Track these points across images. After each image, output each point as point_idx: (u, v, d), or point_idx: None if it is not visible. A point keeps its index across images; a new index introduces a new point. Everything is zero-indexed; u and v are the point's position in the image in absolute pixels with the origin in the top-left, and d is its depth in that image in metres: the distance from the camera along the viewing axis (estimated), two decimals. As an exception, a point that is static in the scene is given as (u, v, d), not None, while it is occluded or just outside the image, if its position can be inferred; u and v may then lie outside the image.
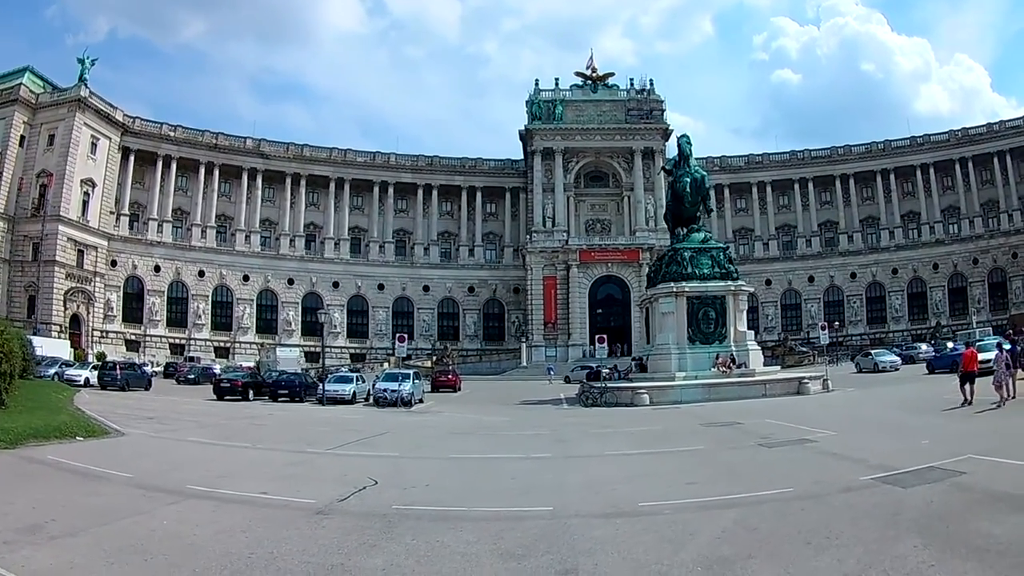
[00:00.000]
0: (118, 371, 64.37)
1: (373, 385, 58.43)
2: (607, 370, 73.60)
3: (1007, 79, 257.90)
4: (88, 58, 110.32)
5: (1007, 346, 37.33)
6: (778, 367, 68.98)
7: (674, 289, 57.82)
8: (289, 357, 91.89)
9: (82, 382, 61.76)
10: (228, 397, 58.09)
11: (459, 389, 75.25)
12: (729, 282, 59.23)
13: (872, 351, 79.91)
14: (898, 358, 73.64)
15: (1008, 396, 32.24)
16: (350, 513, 16.15)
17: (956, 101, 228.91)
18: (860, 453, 21.49)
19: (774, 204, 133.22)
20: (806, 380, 51.62)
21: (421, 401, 57.59)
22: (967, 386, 33.89)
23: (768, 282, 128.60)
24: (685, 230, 62.74)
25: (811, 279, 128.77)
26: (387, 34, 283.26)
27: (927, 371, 61.09)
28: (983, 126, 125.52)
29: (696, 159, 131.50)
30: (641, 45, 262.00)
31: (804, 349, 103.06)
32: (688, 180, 62.15)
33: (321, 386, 58.85)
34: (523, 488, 19.37)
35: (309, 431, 35.93)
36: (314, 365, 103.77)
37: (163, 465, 23.38)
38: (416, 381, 58.67)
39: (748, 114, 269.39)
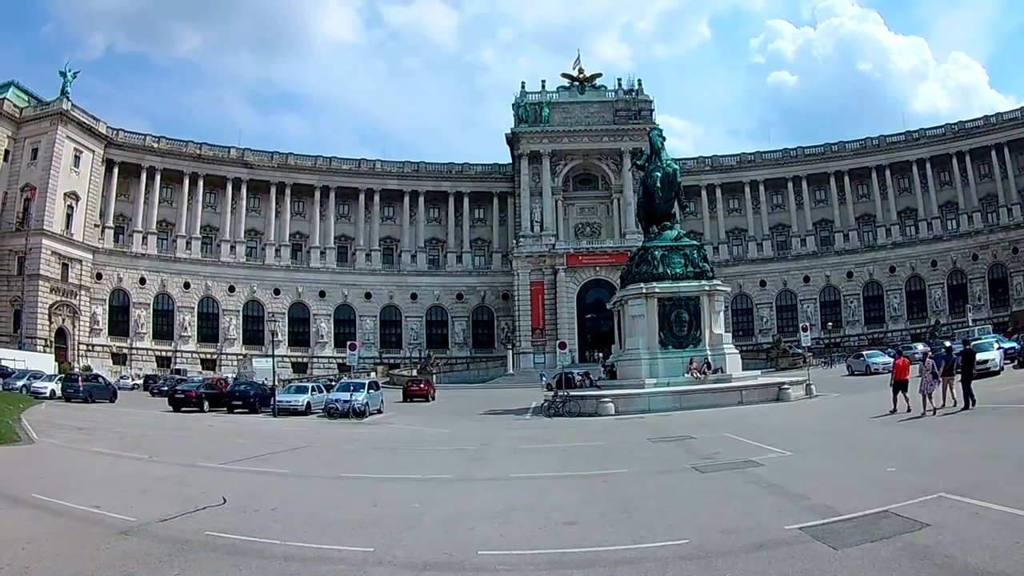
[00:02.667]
0: (80, 383, 64.02)
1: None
2: (579, 376, 71.43)
3: (1005, 76, 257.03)
4: (70, 71, 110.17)
5: (949, 350, 36.18)
6: (759, 372, 65.15)
7: (644, 290, 54.49)
8: (266, 368, 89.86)
9: (47, 394, 61.57)
10: (184, 408, 56.81)
11: (432, 398, 73.56)
12: (704, 282, 55.79)
13: (864, 352, 77.35)
14: (891, 360, 70.99)
15: (932, 406, 31.61)
16: (153, 536, 15.17)
17: (954, 99, 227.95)
18: (805, 484, 18.23)
19: (768, 203, 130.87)
20: (786, 386, 48.64)
21: (379, 412, 55.95)
22: (899, 395, 33.69)
23: (763, 283, 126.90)
24: (657, 228, 59.53)
25: (807, 279, 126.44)
26: (384, 44, 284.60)
27: (919, 373, 58.57)
28: (980, 119, 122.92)
29: (688, 159, 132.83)
30: (638, 50, 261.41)
31: (799, 351, 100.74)
32: (659, 175, 58.72)
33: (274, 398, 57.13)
34: (371, 520, 16.85)
35: (226, 444, 35.20)
36: (300, 376, 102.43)
37: (33, 473, 23.58)
38: (373, 391, 56.75)
39: (745, 116, 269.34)
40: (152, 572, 12.68)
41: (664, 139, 63.67)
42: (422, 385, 75.50)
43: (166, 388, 74.79)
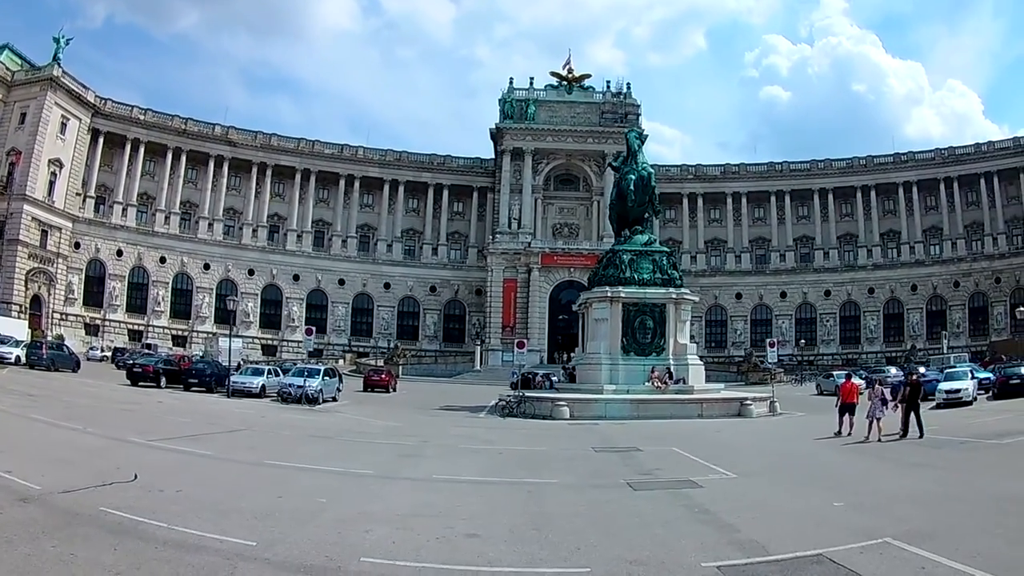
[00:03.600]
0: (44, 351, 64.40)
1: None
2: (540, 377, 70.83)
3: (1000, 106, 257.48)
4: (63, 38, 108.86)
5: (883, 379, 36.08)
6: (723, 385, 63.43)
7: (608, 294, 53.94)
8: (232, 348, 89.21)
9: (12, 359, 61.04)
10: (142, 383, 56.37)
11: (393, 389, 72.85)
12: (671, 289, 55.01)
13: (834, 372, 76.43)
14: (862, 381, 69.89)
15: (878, 432, 31.43)
16: (49, 506, 15.31)
17: (948, 126, 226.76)
18: (741, 514, 16.84)
19: (749, 216, 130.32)
20: (748, 402, 47.89)
21: (334, 399, 55.57)
22: (845, 417, 33.62)
23: (739, 295, 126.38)
24: (629, 232, 58.65)
25: (783, 295, 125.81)
26: (380, 33, 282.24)
27: (891, 398, 57.83)
28: (971, 146, 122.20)
29: (672, 166, 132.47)
30: (633, 56, 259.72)
31: (770, 366, 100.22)
32: (633, 178, 57.77)
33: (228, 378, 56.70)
34: (269, 512, 16.34)
35: (166, 421, 35.19)
36: (271, 358, 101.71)
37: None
38: (328, 378, 56.44)
39: (736, 129, 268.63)
40: (31, 541, 12.66)
41: (642, 141, 62.67)
42: (383, 376, 74.55)
43: (131, 362, 74.57)
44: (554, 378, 69.92)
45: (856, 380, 40.61)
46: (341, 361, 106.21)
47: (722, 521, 16.20)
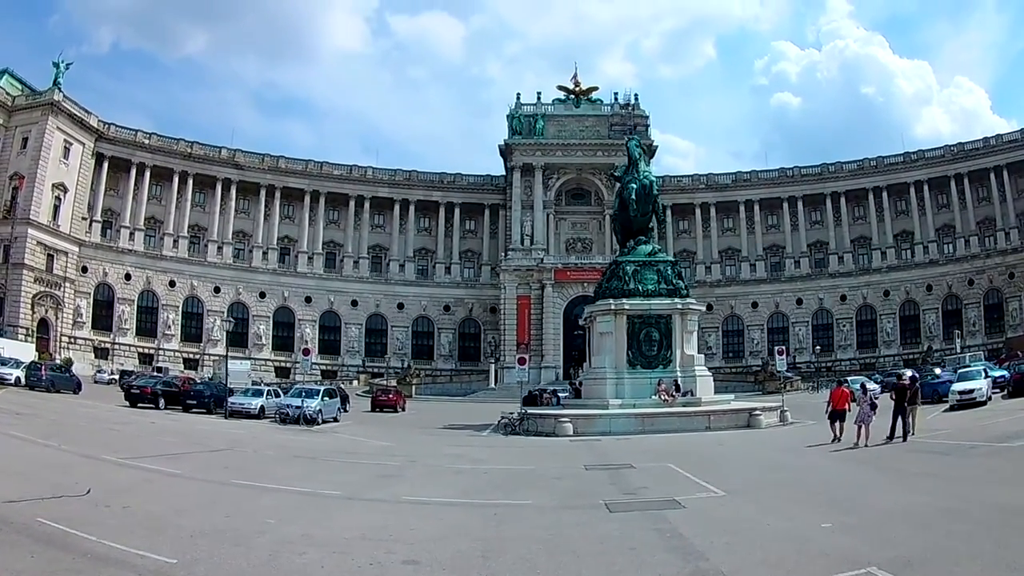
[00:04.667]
0: (44, 372, 64.17)
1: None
2: (547, 394, 70.02)
3: (1007, 101, 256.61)
4: (63, 62, 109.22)
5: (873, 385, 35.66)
6: (732, 396, 61.22)
7: (612, 306, 52.74)
8: (239, 370, 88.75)
9: (12, 380, 60.70)
10: (141, 405, 55.96)
11: (402, 409, 72.14)
12: (676, 299, 53.58)
13: (849, 379, 75.22)
14: (877, 386, 68.31)
15: (866, 438, 31.08)
16: None
17: (957, 123, 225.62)
18: (717, 538, 15.55)
19: (762, 223, 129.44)
20: (758, 412, 46.61)
21: (336, 420, 55.03)
22: (836, 424, 33.44)
23: (755, 304, 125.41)
24: (633, 242, 57.71)
25: (799, 301, 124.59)
26: (390, 54, 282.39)
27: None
28: (979, 140, 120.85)
29: (683, 176, 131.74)
30: (643, 68, 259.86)
31: (789, 374, 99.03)
32: (635, 187, 56.66)
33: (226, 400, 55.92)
34: (208, 531, 16.00)
35: (150, 440, 34.68)
36: (284, 380, 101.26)
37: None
38: (329, 399, 55.90)
39: (749, 137, 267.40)
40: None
41: (643, 150, 62.44)
42: (391, 396, 74.01)
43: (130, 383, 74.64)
44: (563, 394, 68.87)
45: (871, 385, 40.00)
46: (355, 382, 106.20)
47: (692, 548, 14.86)
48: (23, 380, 61.83)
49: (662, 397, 48.79)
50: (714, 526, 17.05)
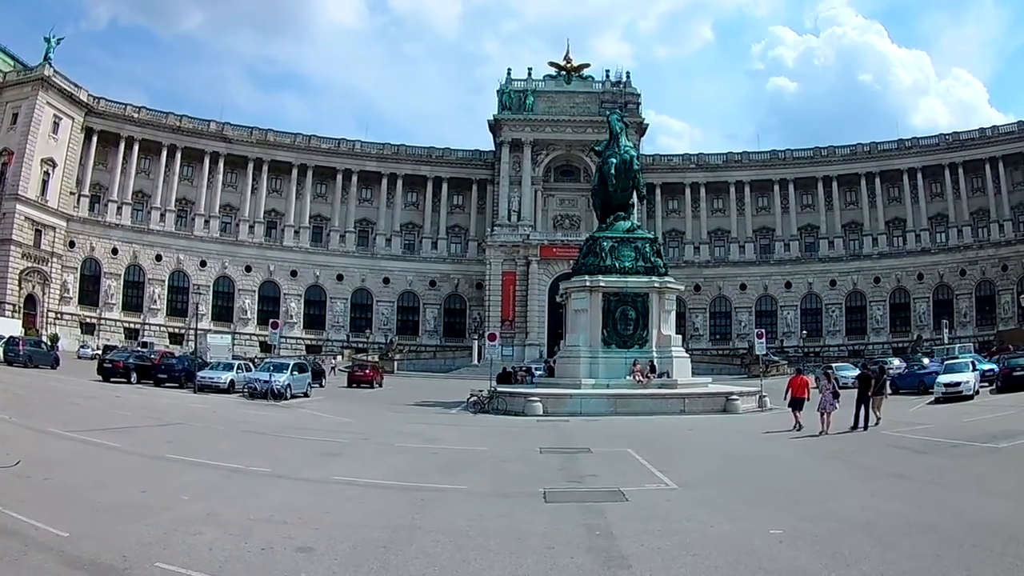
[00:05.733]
0: (21, 347, 64.32)
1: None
2: (521, 372, 69.26)
3: (1005, 94, 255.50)
4: (54, 37, 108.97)
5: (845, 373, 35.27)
6: (709, 379, 60.42)
7: (588, 283, 51.75)
8: (219, 344, 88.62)
9: None
10: (114, 379, 55.56)
11: (379, 385, 71.90)
12: (654, 278, 52.56)
13: (834, 365, 74.37)
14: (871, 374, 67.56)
15: (828, 426, 31.00)
16: None
17: (954, 115, 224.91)
18: (647, 542, 14.10)
19: (752, 205, 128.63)
20: (735, 397, 45.60)
21: (305, 395, 54.31)
22: (798, 413, 33.05)
23: (743, 286, 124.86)
24: (612, 218, 56.67)
25: (788, 285, 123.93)
26: (387, 29, 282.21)
27: (890, 391, 55.37)
28: (975, 130, 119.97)
29: (673, 155, 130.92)
30: (640, 49, 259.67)
31: (776, 358, 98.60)
32: (615, 161, 55.45)
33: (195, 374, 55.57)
34: (115, 505, 15.91)
35: (107, 414, 34.54)
36: (269, 355, 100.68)
37: None
38: (298, 373, 55.11)
39: (744, 121, 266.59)
40: None
41: (625, 125, 60.68)
42: (367, 371, 73.72)
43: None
44: (538, 372, 68.07)
45: (848, 373, 39.56)
46: (340, 357, 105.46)
47: (617, 551, 13.64)
48: (1, 356, 61.72)
49: (637, 378, 47.73)
50: (651, 526, 15.67)
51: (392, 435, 32.92)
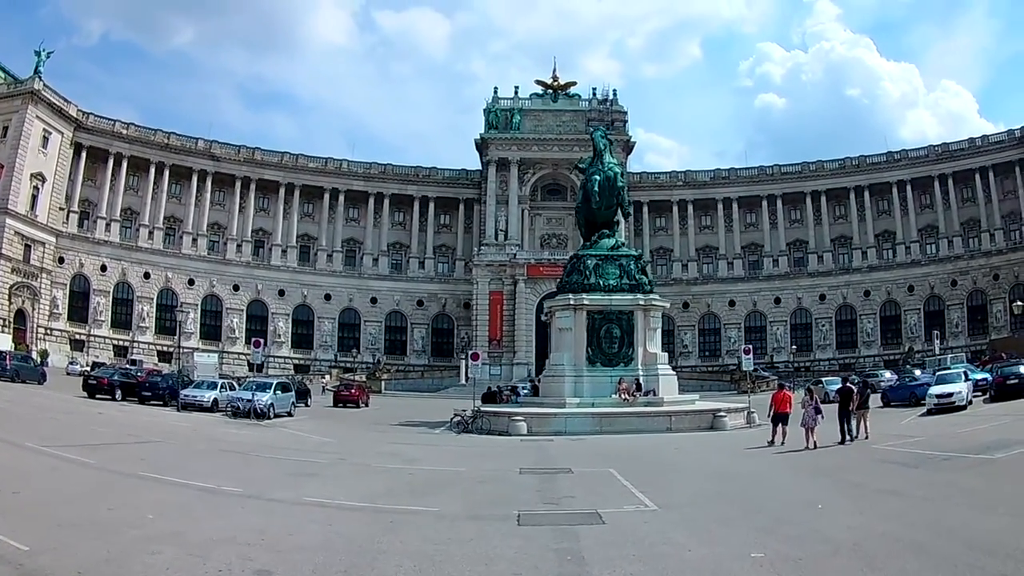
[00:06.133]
0: (8, 362, 63.76)
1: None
2: (507, 391, 68.98)
3: (995, 105, 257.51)
4: (44, 51, 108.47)
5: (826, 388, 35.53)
6: (696, 396, 60.58)
7: (572, 301, 51.51)
8: (206, 363, 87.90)
9: None
10: (99, 396, 55.34)
11: (364, 405, 71.77)
12: (639, 295, 52.29)
13: (823, 379, 74.09)
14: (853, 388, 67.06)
15: (814, 441, 31.15)
16: None
17: (944, 127, 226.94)
18: (620, 568, 13.46)
19: (741, 221, 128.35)
20: (722, 414, 45.24)
21: (289, 414, 54.36)
22: (779, 427, 33.06)
23: (732, 303, 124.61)
24: (596, 236, 56.35)
25: (777, 300, 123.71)
26: (375, 49, 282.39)
27: (882, 403, 54.21)
28: (964, 141, 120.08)
29: (661, 173, 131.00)
30: (628, 67, 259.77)
31: (766, 374, 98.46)
32: (598, 179, 55.27)
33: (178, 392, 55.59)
34: (79, 522, 15.80)
35: (86, 430, 34.89)
36: (257, 374, 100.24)
37: None
38: (282, 392, 55.03)
39: (733, 138, 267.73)
40: None
41: (609, 142, 60.15)
42: (353, 391, 73.44)
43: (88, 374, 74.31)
44: (524, 391, 67.71)
45: (836, 387, 39.57)
46: (327, 377, 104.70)
47: None
48: (-12, 370, 61.57)
49: (622, 396, 47.55)
50: (626, 550, 14.96)
51: (370, 455, 32.75)
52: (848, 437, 32.08)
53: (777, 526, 17.00)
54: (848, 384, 35.58)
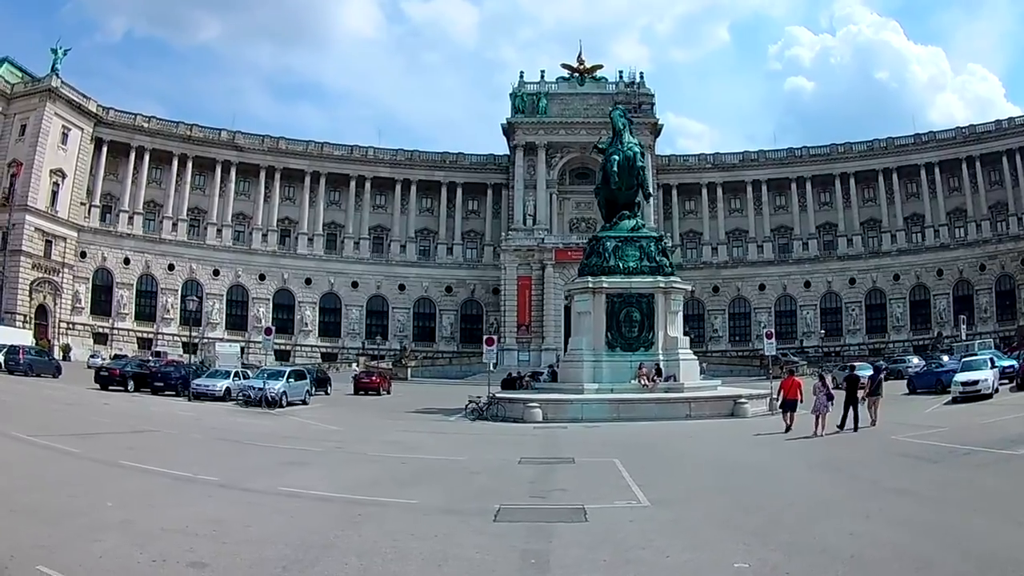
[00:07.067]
0: (21, 356, 63.91)
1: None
2: (527, 377, 68.17)
3: (1021, 88, 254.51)
4: (61, 48, 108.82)
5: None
6: (719, 382, 58.55)
7: (590, 284, 50.57)
8: (228, 353, 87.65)
9: None
10: (112, 387, 55.80)
11: (386, 392, 71.07)
12: (659, 277, 51.15)
13: (854, 364, 72.98)
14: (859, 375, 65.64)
15: (823, 428, 31.06)
16: None
17: (971, 110, 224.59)
18: (573, 573, 12.74)
19: (770, 204, 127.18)
20: (743, 400, 44.08)
21: (304, 402, 53.60)
22: (789, 414, 32.83)
23: (762, 287, 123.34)
24: (617, 218, 54.98)
25: (807, 284, 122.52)
26: (404, 39, 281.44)
27: (908, 390, 53.64)
28: (992, 123, 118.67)
29: (689, 155, 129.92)
30: (657, 52, 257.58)
31: (795, 359, 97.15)
32: (617, 159, 53.98)
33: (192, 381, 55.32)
34: (39, 508, 15.81)
35: (85, 420, 35.03)
36: (283, 362, 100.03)
37: None
38: (295, 380, 54.30)
39: (763, 122, 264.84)
40: None
41: (629, 121, 58.65)
42: (374, 378, 72.71)
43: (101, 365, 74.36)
44: (544, 377, 66.84)
45: (866, 372, 38.76)
46: (355, 364, 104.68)
47: None
48: (2, 365, 61.57)
49: (642, 382, 46.58)
50: (598, 554, 13.85)
51: (371, 444, 32.11)
52: (850, 424, 31.58)
53: (772, 529, 15.63)
54: (853, 372, 35.41)
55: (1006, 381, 47.60)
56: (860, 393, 32.99)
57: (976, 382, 42.59)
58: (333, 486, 20.76)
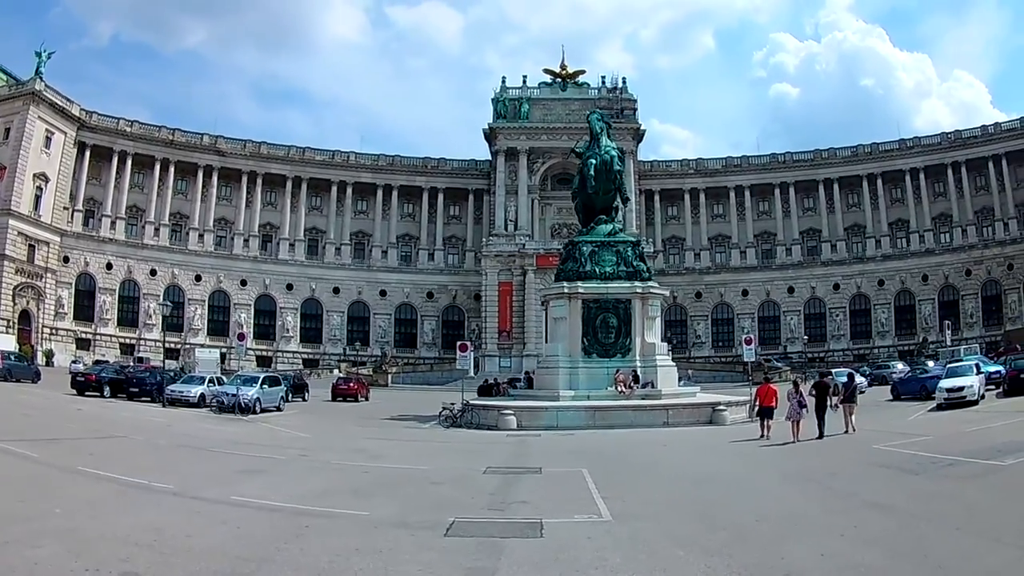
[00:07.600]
0: (0, 361, 63.67)
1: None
2: (504, 383, 67.72)
3: (1007, 94, 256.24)
4: (45, 52, 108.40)
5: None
6: (698, 388, 58.86)
7: (566, 290, 49.97)
8: (208, 359, 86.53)
9: None
10: (88, 393, 55.20)
11: (364, 399, 71.01)
12: (636, 283, 50.61)
13: (833, 371, 72.60)
14: (863, 379, 65.04)
15: (798, 435, 31.05)
16: None
17: (956, 116, 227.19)
18: None
19: (753, 210, 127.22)
20: (722, 407, 43.56)
21: (278, 408, 53.62)
22: (765, 422, 32.74)
23: (745, 292, 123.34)
24: (593, 222, 54.75)
25: (791, 290, 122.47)
26: (389, 45, 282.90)
27: (891, 396, 53.91)
28: (977, 128, 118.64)
29: (672, 161, 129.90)
30: (642, 59, 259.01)
31: (779, 365, 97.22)
32: (594, 162, 53.55)
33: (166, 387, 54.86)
34: None
35: (50, 426, 34.95)
36: (265, 369, 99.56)
37: None
38: (269, 387, 54.22)
39: (747, 128, 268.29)
40: None
41: (606, 124, 58.66)
42: (351, 384, 72.74)
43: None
44: (520, 384, 66.36)
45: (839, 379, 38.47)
46: (336, 371, 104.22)
47: None
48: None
49: (619, 389, 45.98)
50: (547, 572, 13.25)
51: (336, 452, 31.53)
52: (817, 432, 31.51)
53: (737, 548, 14.65)
54: (824, 379, 35.07)
55: (992, 387, 47.46)
56: (834, 400, 32.94)
57: (961, 388, 42.02)
58: (286, 496, 20.16)
